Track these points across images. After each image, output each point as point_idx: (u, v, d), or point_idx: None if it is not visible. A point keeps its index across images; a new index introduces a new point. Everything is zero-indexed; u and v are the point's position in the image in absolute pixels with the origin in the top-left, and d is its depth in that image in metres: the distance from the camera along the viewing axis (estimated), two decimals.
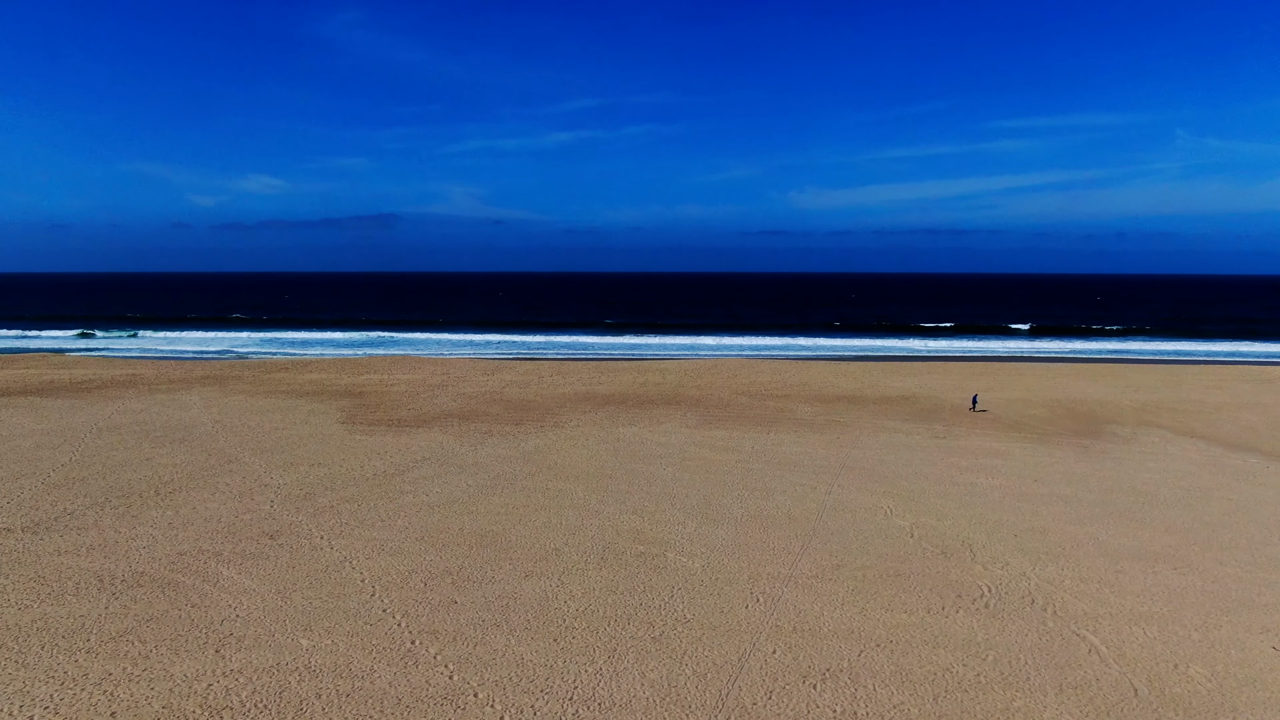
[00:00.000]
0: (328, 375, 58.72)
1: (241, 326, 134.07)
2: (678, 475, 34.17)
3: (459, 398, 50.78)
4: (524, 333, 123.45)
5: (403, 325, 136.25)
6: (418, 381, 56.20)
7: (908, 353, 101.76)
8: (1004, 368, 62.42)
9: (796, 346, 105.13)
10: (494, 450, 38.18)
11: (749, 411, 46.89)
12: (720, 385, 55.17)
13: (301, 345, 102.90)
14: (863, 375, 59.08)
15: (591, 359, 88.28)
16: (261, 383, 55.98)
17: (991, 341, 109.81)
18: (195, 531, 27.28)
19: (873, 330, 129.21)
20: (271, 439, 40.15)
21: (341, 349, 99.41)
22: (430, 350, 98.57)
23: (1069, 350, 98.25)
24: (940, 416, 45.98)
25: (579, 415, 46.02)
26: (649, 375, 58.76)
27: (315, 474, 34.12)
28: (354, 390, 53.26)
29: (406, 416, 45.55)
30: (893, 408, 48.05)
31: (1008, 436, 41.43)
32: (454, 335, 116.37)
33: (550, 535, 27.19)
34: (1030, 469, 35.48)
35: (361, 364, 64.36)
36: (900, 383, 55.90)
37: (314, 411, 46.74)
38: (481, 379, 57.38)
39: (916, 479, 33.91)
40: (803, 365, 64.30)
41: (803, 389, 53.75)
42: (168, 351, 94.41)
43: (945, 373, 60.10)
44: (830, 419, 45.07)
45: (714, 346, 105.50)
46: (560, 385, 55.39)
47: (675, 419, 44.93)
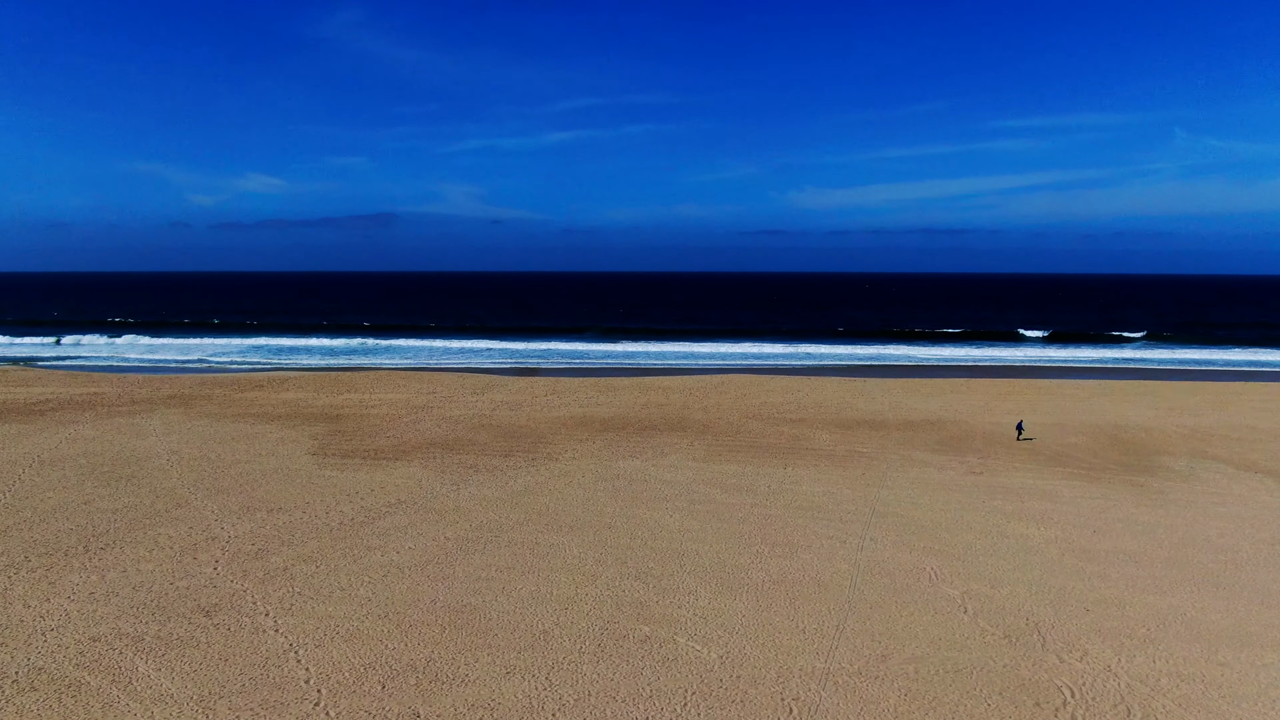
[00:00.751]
0: (304, 394, 54.50)
1: (226, 332, 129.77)
2: (686, 524, 29.99)
3: (444, 422, 46.56)
4: (519, 339, 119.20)
5: (393, 331, 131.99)
6: (400, 403, 51.97)
7: (917, 361, 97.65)
8: (1031, 386, 58.24)
9: (802, 355, 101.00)
10: (478, 490, 33.97)
11: (761, 440, 42.71)
12: (728, 407, 50.99)
13: (285, 354, 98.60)
14: (881, 395, 54.92)
15: (589, 368, 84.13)
16: (231, 403, 51.75)
17: (1005, 349, 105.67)
18: (119, 605, 23.09)
19: (879, 337, 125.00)
20: (231, 475, 35.93)
21: (326, 358, 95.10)
22: (420, 358, 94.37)
23: (1089, 360, 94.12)
24: (972, 446, 41.80)
25: (574, 444, 41.81)
26: (651, 395, 54.59)
27: (273, 523, 29.90)
28: (330, 413, 49.03)
29: (384, 446, 41.33)
30: (918, 435, 43.87)
31: (1051, 472, 37.25)
32: (446, 342, 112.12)
33: (539, 610, 23.01)
34: (1085, 516, 31.31)
35: (342, 381, 60.14)
36: (923, 404, 51.74)
37: (283, 440, 42.50)
38: (469, 399, 53.18)
39: (958, 529, 29.74)
40: (815, 383, 60.12)
41: (818, 411, 49.58)
42: (143, 362, 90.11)
43: (969, 391, 55.95)
44: (851, 449, 40.87)
45: (715, 355, 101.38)
46: (555, 407, 51.19)
47: (681, 449, 40.74)
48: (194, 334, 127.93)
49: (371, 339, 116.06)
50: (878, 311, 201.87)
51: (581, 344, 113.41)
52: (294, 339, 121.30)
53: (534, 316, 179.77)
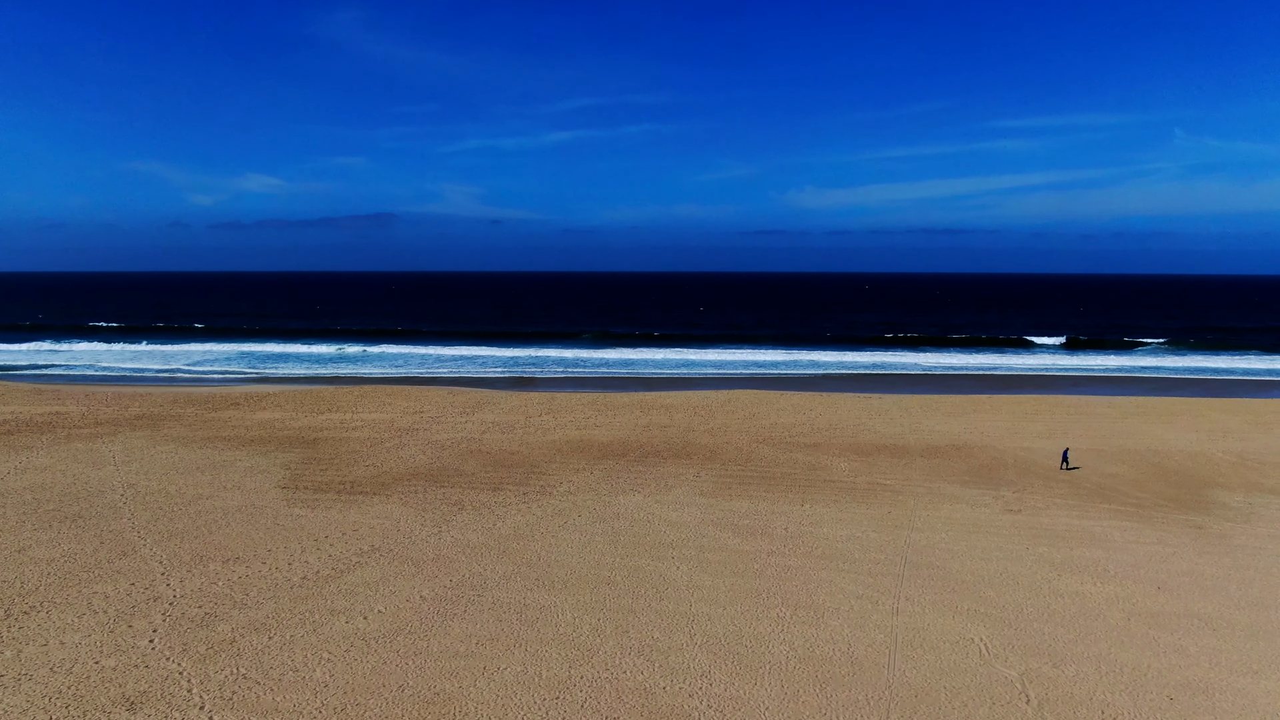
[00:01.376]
0: (282, 414, 50.93)
1: (212, 338, 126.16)
2: (695, 579, 26.47)
3: (429, 448, 43.01)
4: (514, 344, 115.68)
5: (385, 336, 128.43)
6: (384, 424, 48.41)
7: (927, 370, 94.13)
8: (1058, 405, 54.69)
9: (806, 363, 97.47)
10: (462, 534, 30.43)
11: (774, 469, 39.17)
12: (736, 429, 47.46)
13: (271, 362, 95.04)
14: (898, 414, 51.38)
15: (586, 378, 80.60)
16: (203, 425, 48.17)
17: (1017, 356, 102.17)
18: (25, 697, 19.55)
19: (884, 343, 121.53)
20: (189, 515, 32.38)
21: (313, 366, 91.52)
22: (411, 367, 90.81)
23: (1107, 368, 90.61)
24: (1004, 477, 38.27)
25: (571, 474, 38.27)
26: (653, 415, 51.04)
27: (227, 577, 26.37)
28: (308, 437, 45.45)
29: (362, 477, 37.76)
30: (945, 463, 40.34)
31: (1096, 510, 33.73)
32: (439, 349, 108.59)
33: (526, 701, 19.48)
34: (1144, 567, 27.79)
35: (324, 398, 56.56)
36: (945, 425, 48.21)
37: (253, 470, 38.92)
38: (458, 419, 49.62)
39: (1004, 583, 26.23)
40: (828, 400, 56.58)
41: (833, 434, 46.04)
42: (120, 372, 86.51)
43: (992, 410, 52.41)
44: (874, 481, 37.34)
45: (716, 363, 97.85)
46: (550, 428, 47.66)
47: (687, 480, 37.20)
48: (179, 339, 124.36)
49: (361, 345, 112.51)
50: (880, 314, 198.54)
51: (578, 350, 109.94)
52: (282, 345, 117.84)
53: (531, 319, 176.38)
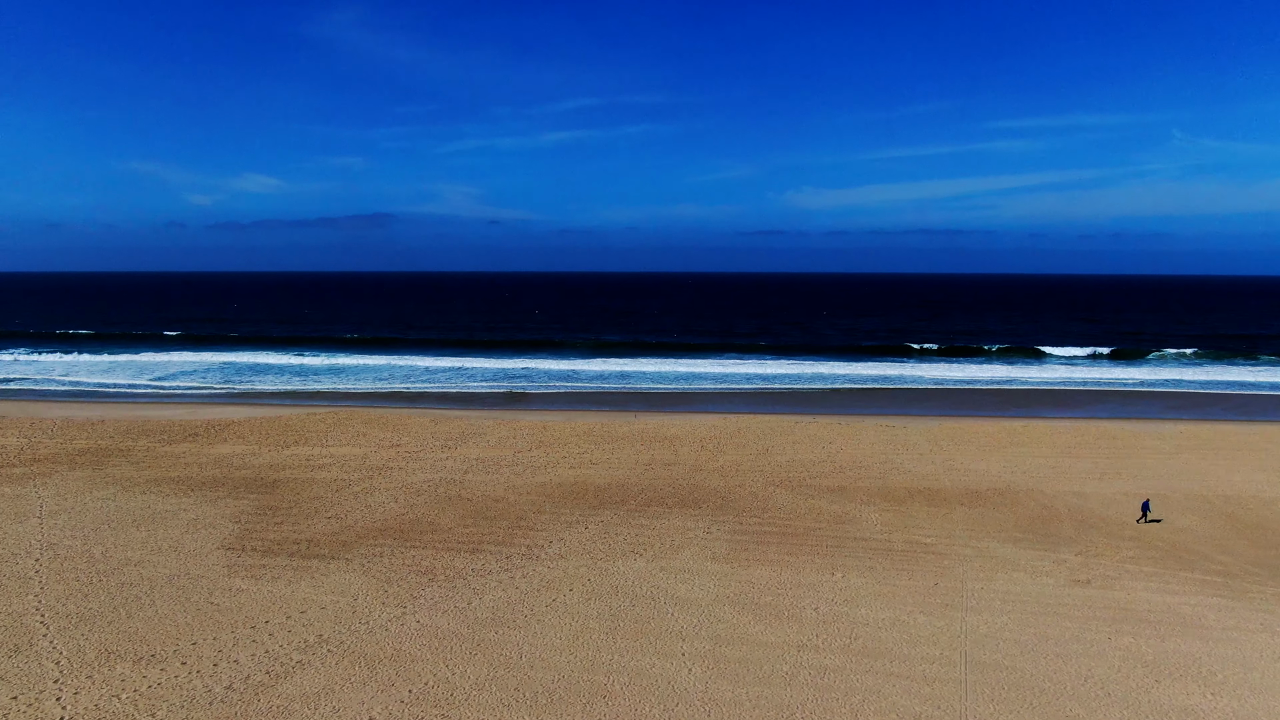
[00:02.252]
0: (243, 449, 45.87)
1: (193, 346, 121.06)
2: (712, 687, 21.49)
3: (403, 493, 37.96)
4: (507, 354, 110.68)
5: (373, 346, 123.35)
6: (356, 461, 43.36)
7: (945, 384, 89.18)
8: (1102, 435, 49.63)
9: (812, 376, 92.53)
10: (429, 617, 25.42)
11: (796, 521, 34.16)
12: (749, 467, 42.44)
13: (250, 375, 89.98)
14: (928, 447, 46.37)
15: (581, 393, 75.66)
16: (153, 462, 43.11)
17: (1036, 369, 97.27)
18: None
19: (895, 353, 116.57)
20: (109, 588, 27.36)
21: (294, 380, 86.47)
22: (398, 380, 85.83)
23: (1133, 383, 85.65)
24: (1060, 531, 33.27)
25: (562, 529, 33.26)
26: (655, 449, 46.01)
27: (133, 685, 21.36)
28: (268, 478, 40.40)
29: (322, 534, 32.72)
30: (990, 513, 35.35)
31: (1176, 579, 28.74)
32: (428, 359, 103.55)
33: None
34: (1256, 667, 22.79)
35: (293, 427, 51.44)
36: (981, 462, 43.20)
37: (198, 523, 33.88)
38: (438, 456, 44.57)
39: (1093, 696, 21.25)
40: (849, 430, 51.56)
41: (858, 474, 41.03)
42: (84, 388, 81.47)
43: (1031, 443, 47.37)
44: (912, 538, 32.34)
45: (718, 376, 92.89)
46: (540, 466, 42.64)
47: (696, 539, 32.18)
48: (158, 348, 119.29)
49: (347, 356, 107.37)
50: (883, 318, 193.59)
51: (573, 360, 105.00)
52: (265, 354, 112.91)
53: (526, 324, 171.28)
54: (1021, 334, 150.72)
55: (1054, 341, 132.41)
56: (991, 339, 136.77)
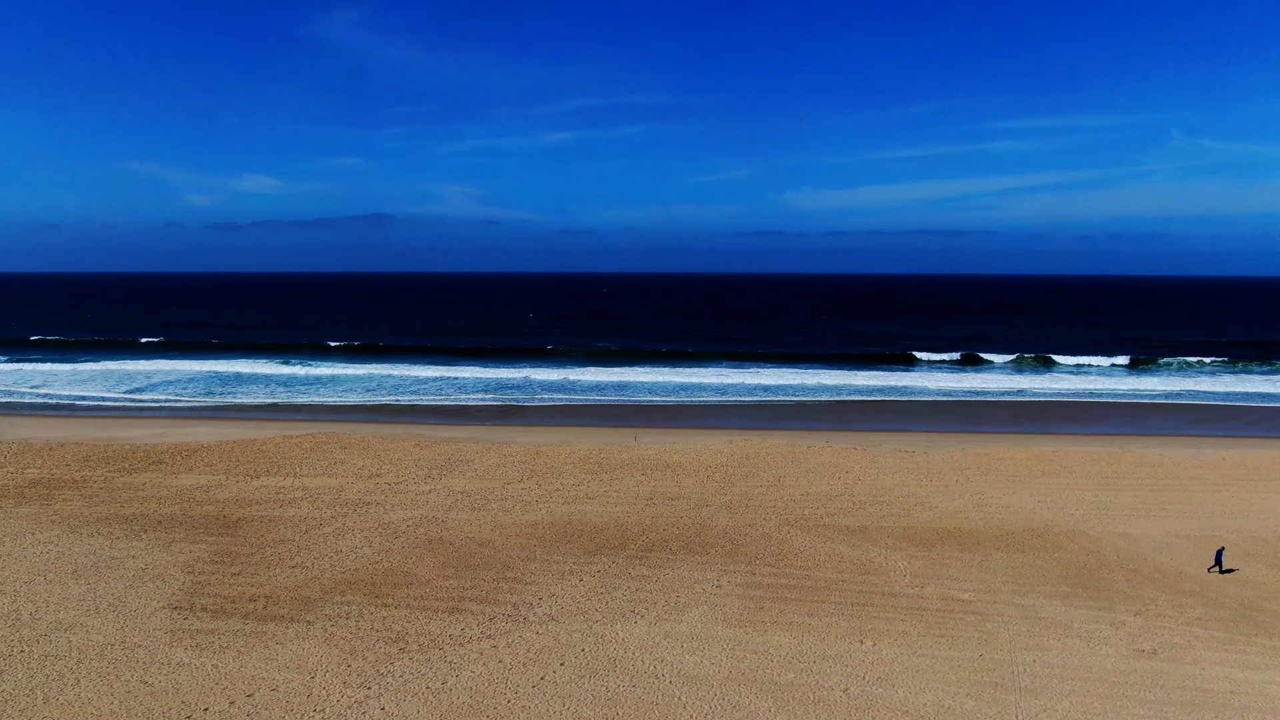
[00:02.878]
0: (210, 479, 42.22)
1: (174, 354, 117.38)
2: None
3: (379, 534, 34.35)
4: (500, 363, 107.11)
5: (360, 354, 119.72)
6: (330, 495, 39.72)
7: (962, 395, 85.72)
8: (1140, 463, 45.97)
9: (816, 386, 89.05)
10: (397, 702, 21.81)
11: (816, 572, 30.58)
12: (760, 501, 38.86)
13: (233, 385, 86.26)
14: (953, 479, 42.78)
15: (577, 404, 72.14)
16: (107, 496, 39.45)
17: (1051, 378, 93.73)
18: None
19: (904, 361, 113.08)
20: (30, 660, 23.73)
21: (278, 390, 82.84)
22: (384, 393, 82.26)
23: (1155, 394, 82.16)
24: (1112, 583, 29.69)
25: (554, 581, 29.66)
26: (657, 479, 42.40)
27: None
28: (231, 515, 36.76)
29: (282, 588, 29.09)
30: (1030, 560, 31.78)
31: (1255, 649, 25.16)
32: (419, 369, 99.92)
33: None
34: None
35: (267, 452, 47.77)
36: (1015, 497, 39.62)
37: (146, 573, 30.25)
38: (421, 488, 40.96)
39: None
40: (867, 457, 47.95)
41: (881, 511, 37.46)
42: (57, 400, 77.75)
43: (1065, 471, 43.78)
44: (946, 593, 28.77)
45: (719, 387, 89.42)
46: (532, 500, 39.03)
47: (705, 595, 28.59)
48: (138, 355, 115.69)
49: (335, 364, 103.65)
50: (887, 323, 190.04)
51: (569, 370, 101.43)
52: (251, 362, 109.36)
53: (523, 326, 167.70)
54: (1029, 340, 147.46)
55: (1063, 349, 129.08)
56: (998, 346, 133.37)
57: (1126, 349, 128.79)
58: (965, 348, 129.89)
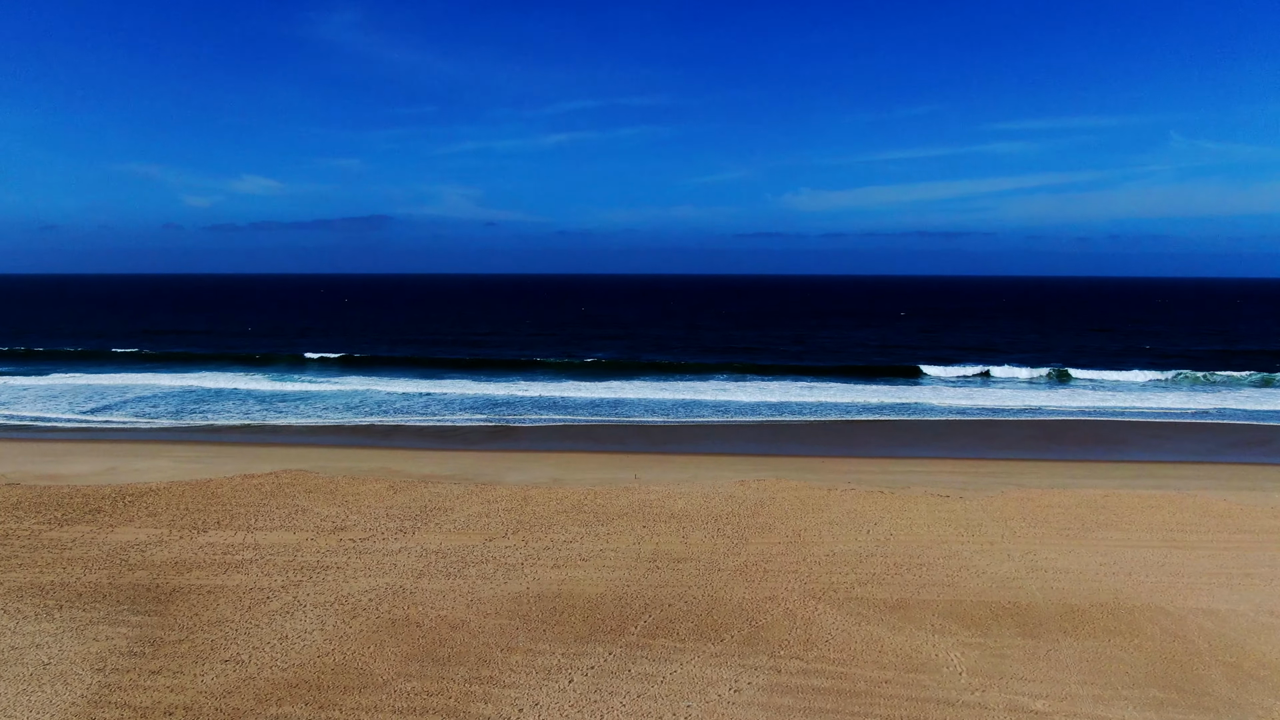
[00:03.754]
0: (151, 533, 37.05)
1: (150, 366, 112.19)
2: None
3: (335, 611, 29.23)
4: (491, 377, 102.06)
5: (346, 367, 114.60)
6: (286, 554, 34.57)
7: (965, 413, 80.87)
8: (1207, 512, 40.79)
9: (827, 406, 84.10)
10: None
11: (854, 669, 25.51)
12: (779, 565, 33.78)
13: (209, 403, 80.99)
14: (997, 532, 37.71)
15: (572, 425, 67.11)
16: (31, 555, 34.25)
17: (1072, 393, 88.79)
18: None
19: (911, 375, 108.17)
20: None
21: (254, 409, 77.64)
22: (365, 412, 77.16)
23: (1188, 412, 77.20)
24: (1211, 684, 24.65)
25: (537, 683, 24.59)
26: (661, 534, 37.27)
27: None
28: (168, 583, 31.61)
29: (208, 692, 23.96)
30: (1107, 649, 26.73)
31: None
32: (406, 383, 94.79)
33: None
34: None
35: (221, 498, 42.53)
36: (1072, 556, 34.54)
37: (48, 669, 25.11)
38: (390, 545, 35.83)
39: None
40: (896, 504, 42.87)
41: (920, 576, 32.39)
42: (19, 420, 72.63)
43: (1124, 523, 38.65)
44: (1015, 700, 23.69)
45: (722, 405, 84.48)
46: (516, 564, 33.91)
47: (721, 705, 23.47)
48: (112, 368, 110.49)
49: (317, 379, 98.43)
50: (890, 329, 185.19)
51: (563, 383, 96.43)
52: (232, 375, 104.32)
53: (516, 334, 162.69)
54: (1039, 350, 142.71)
55: (1077, 359, 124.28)
56: (1009, 357, 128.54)
57: (1143, 360, 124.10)
58: (974, 359, 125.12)
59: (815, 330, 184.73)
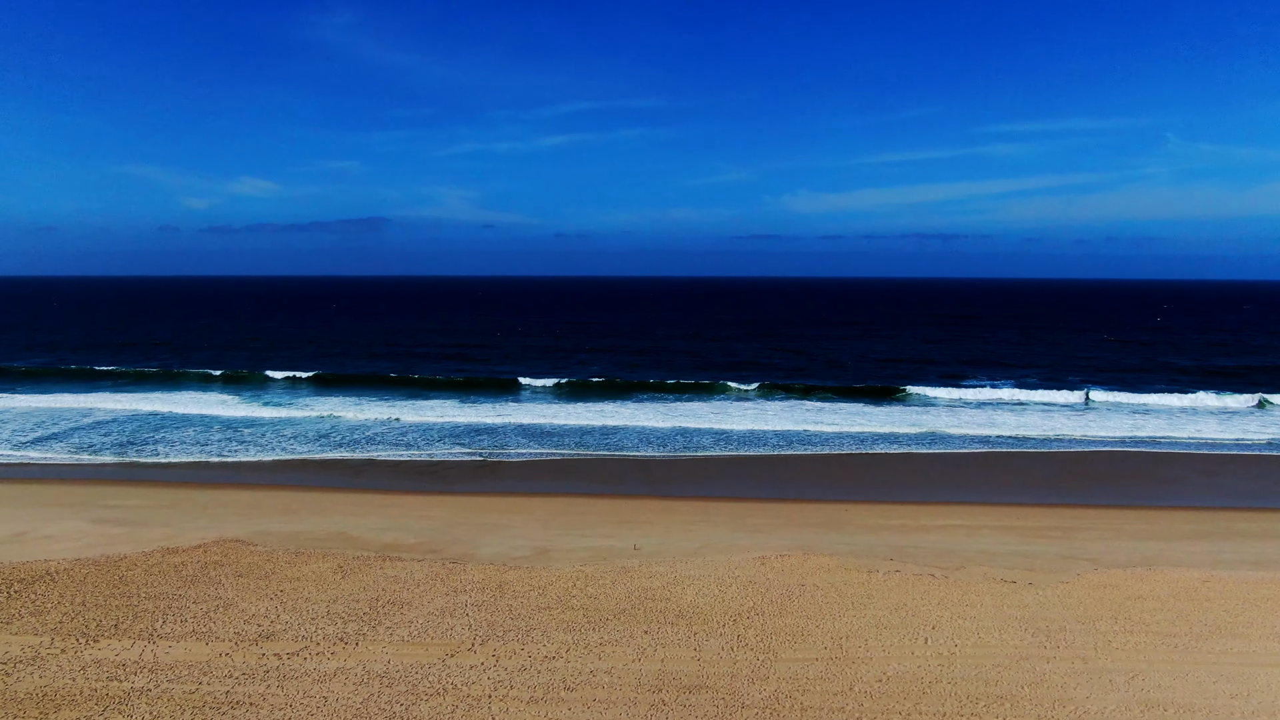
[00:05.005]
0: (27, 642, 29.58)
1: (110, 385, 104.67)
2: None
3: None
4: (479, 397, 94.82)
5: (320, 387, 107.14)
6: (187, 681, 27.16)
7: (991, 442, 74.11)
8: None
9: (839, 436, 77.19)
10: None
11: None
12: (819, 696, 26.52)
13: (166, 429, 73.29)
14: (1089, 642, 30.49)
15: (561, 461, 59.97)
16: None
17: (1109, 419, 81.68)
18: None
19: (928, 394, 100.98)
20: None
21: (214, 437, 69.99)
22: (333, 444, 69.88)
23: (1268, 442, 70.16)
24: None
25: None
26: (667, 644, 30.00)
27: None
28: None
29: None
30: None
31: None
32: (378, 407, 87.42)
33: None
34: None
35: (132, 582, 34.98)
36: (1190, 685, 27.33)
37: None
38: (326, 663, 28.45)
39: None
40: (951, 587, 35.68)
41: (1001, 713, 25.20)
42: None
43: (1243, 630, 31.22)
44: None
45: (724, 436, 77.46)
46: (480, 698, 26.58)
47: None
48: (78, 386, 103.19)
49: (288, 403, 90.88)
50: (896, 340, 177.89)
51: (551, 406, 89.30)
52: (198, 395, 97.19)
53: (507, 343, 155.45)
54: (1054, 362, 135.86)
55: (1100, 376, 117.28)
56: (1025, 372, 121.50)
57: (1167, 376, 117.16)
58: (986, 375, 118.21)
59: (817, 340, 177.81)
